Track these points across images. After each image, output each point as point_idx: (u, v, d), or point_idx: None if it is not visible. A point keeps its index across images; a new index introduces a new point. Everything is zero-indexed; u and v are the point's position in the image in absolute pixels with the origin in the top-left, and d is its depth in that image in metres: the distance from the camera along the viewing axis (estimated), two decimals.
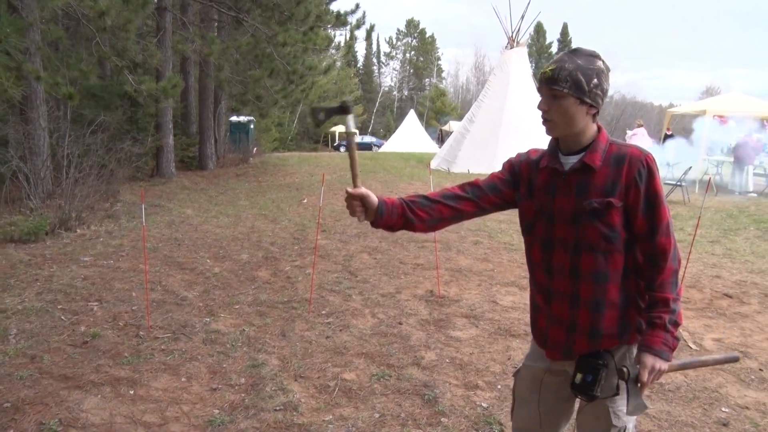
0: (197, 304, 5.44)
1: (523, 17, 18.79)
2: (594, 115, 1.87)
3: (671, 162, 13.94)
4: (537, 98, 1.92)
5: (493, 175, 2.11)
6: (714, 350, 4.54)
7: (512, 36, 18.89)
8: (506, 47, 19.18)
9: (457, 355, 4.39)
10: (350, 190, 1.93)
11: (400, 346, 4.53)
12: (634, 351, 1.93)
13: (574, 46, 1.92)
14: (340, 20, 15.17)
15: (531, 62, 19.83)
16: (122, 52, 10.85)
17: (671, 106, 39.45)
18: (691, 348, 4.55)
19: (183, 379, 3.93)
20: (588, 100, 1.81)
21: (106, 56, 10.23)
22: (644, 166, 1.81)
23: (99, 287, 5.81)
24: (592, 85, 1.80)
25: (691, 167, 13.45)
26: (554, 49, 64.01)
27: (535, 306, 2.10)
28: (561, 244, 1.92)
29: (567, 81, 1.79)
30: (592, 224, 1.84)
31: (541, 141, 2.04)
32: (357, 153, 2.03)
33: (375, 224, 2.00)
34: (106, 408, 3.52)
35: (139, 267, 6.45)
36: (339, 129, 50.28)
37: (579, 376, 1.89)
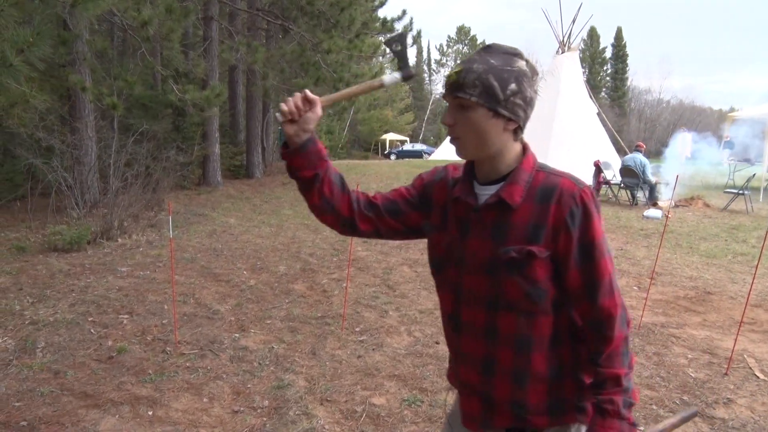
0: (228, 319, 5.28)
1: (574, 21, 18.27)
2: (515, 132, 1.44)
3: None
4: (590, 105, 1.48)
5: (396, 192, 1.70)
6: None
7: (563, 40, 18.37)
8: (557, 52, 18.67)
9: None
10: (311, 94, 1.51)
11: (435, 368, 4.25)
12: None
13: (622, 51, 1.51)
14: (386, 27, 15.07)
15: (584, 68, 19.21)
16: (167, 61, 10.91)
17: (732, 110, 37.88)
18: (758, 378, 4.12)
19: (205, 400, 3.76)
20: (504, 112, 1.39)
21: (151, 66, 10.32)
22: (578, 205, 1.39)
23: (132, 299, 5.73)
24: (508, 91, 1.37)
25: (754, 174, 12.78)
26: (608, 54, 61.94)
27: (451, 358, 1.69)
28: (472, 297, 1.50)
29: (476, 86, 1.37)
30: (510, 278, 1.42)
31: (596, 150, 1.65)
32: (359, 92, 1.65)
33: (289, 152, 1.57)
34: (123, 429, 3.37)
35: (175, 278, 6.36)
36: (390, 137, 50.50)
37: None
